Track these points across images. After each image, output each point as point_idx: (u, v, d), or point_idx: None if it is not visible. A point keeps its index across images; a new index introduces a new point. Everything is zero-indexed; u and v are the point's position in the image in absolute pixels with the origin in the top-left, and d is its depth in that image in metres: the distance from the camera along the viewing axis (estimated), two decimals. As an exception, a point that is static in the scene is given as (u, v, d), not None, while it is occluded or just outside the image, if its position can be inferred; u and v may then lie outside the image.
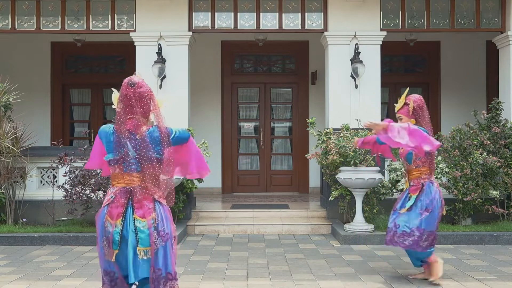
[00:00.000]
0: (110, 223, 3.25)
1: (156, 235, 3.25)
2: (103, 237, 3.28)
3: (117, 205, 3.27)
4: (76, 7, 8.69)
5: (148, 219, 3.25)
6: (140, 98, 3.32)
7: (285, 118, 11.88)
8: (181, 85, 8.61)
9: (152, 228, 3.24)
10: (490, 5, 8.73)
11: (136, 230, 3.24)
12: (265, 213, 8.70)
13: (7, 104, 8.17)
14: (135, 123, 3.30)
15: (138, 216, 3.25)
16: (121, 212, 3.25)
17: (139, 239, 3.23)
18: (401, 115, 5.25)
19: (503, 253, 6.81)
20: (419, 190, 5.17)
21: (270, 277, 5.54)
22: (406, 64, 11.85)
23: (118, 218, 3.24)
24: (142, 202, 3.27)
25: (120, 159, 3.29)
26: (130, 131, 3.29)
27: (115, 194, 3.29)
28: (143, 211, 3.26)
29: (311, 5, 8.71)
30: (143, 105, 3.32)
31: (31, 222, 8.31)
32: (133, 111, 3.30)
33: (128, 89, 3.32)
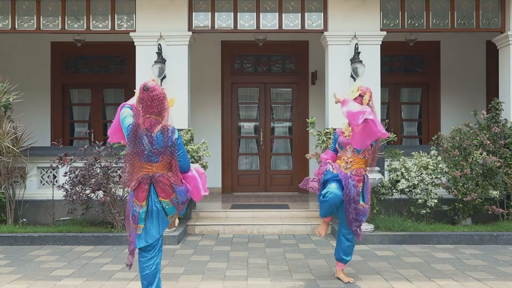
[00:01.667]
0: (137, 204, 4.04)
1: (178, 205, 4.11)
2: (131, 215, 4.07)
3: (142, 190, 4.03)
4: (76, 7, 8.69)
5: (170, 199, 4.07)
6: (154, 100, 3.98)
7: (285, 118, 11.88)
8: (181, 85, 8.61)
9: (175, 203, 4.08)
10: (490, 5, 8.72)
11: (163, 207, 4.07)
12: (265, 213, 8.70)
13: (7, 104, 8.17)
14: (151, 122, 3.99)
15: (161, 198, 4.05)
16: (145, 195, 4.03)
17: (167, 211, 4.09)
18: None
19: (503, 253, 6.81)
20: (362, 181, 5.29)
21: (270, 277, 5.54)
22: (406, 64, 11.85)
23: (144, 201, 4.03)
24: (162, 186, 4.02)
25: (139, 152, 3.97)
26: (147, 129, 3.97)
27: (139, 181, 4.04)
28: (165, 194, 4.04)
29: (311, 5, 8.71)
30: (157, 106, 4.00)
31: (31, 222, 8.31)
32: (149, 111, 3.98)
33: (143, 93, 3.99)
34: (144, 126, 3.95)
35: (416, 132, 11.90)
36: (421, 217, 8.00)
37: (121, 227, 7.69)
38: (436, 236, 7.39)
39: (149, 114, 3.99)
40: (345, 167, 5.27)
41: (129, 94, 10.92)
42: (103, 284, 5.34)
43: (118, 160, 7.80)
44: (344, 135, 5.34)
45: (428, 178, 7.72)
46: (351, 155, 5.31)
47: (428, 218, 7.97)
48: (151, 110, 3.99)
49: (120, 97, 11.81)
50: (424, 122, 11.70)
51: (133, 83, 8.91)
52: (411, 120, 11.92)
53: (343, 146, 5.34)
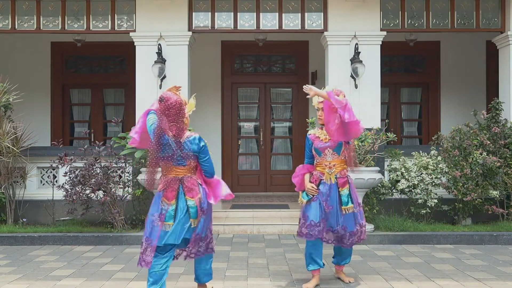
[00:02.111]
0: (166, 203, 4.36)
1: (200, 211, 4.41)
2: (157, 213, 4.36)
3: (171, 190, 4.38)
4: (76, 7, 8.69)
5: (195, 199, 4.39)
6: (170, 109, 4.31)
7: (285, 118, 11.88)
8: (181, 85, 8.54)
9: (199, 205, 4.39)
10: (490, 5, 8.73)
11: (188, 207, 4.37)
12: (265, 213, 8.70)
13: (7, 104, 8.18)
14: (178, 127, 4.37)
15: (188, 197, 4.39)
16: (175, 195, 4.37)
17: (191, 213, 4.38)
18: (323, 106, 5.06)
19: (503, 253, 6.81)
20: (347, 183, 5.13)
21: (270, 277, 5.54)
22: (406, 64, 11.85)
23: (173, 199, 4.36)
24: (190, 186, 4.39)
25: (169, 156, 4.35)
26: (175, 136, 4.35)
27: (168, 182, 4.39)
28: (192, 193, 4.39)
29: (311, 5, 8.71)
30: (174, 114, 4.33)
31: (31, 222, 8.31)
32: (171, 119, 4.33)
33: (160, 104, 4.34)
34: (172, 133, 4.34)
35: (416, 132, 11.90)
36: (421, 217, 8.00)
37: (121, 227, 7.70)
38: (436, 236, 7.39)
39: (172, 122, 4.33)
40: (329, 172, 5.08)
41: (129, 94, 10.98)
42: (103, 284, 5.34)
43: (118, 160, 7.80)
44: (320, 139, 5.12)
45: (428, 178, 7.72)
46: (332, 158, 5.10)
47: (428, 218, 7.98)
48: (170, 118, 4.32)
49: (120, 97, 11.82)
50: (424, 122, 11.70)
51: (133, 83, 8.92)
52: (411, 120, 11.92)
53: (321, 151, 5.13)
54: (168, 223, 4.34)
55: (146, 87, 8.57)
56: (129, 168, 8.14)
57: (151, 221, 4.37)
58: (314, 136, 5.21)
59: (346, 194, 5.11)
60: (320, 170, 5.14)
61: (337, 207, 5.06)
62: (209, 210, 4.54)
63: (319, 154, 5.16)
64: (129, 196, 7.98)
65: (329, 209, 5.05)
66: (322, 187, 5.10)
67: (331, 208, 5.05)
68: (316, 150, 5.17)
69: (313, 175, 5.20)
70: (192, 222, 4.40)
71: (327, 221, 5.06)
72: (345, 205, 5.08)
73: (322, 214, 5.04)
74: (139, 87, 8.62)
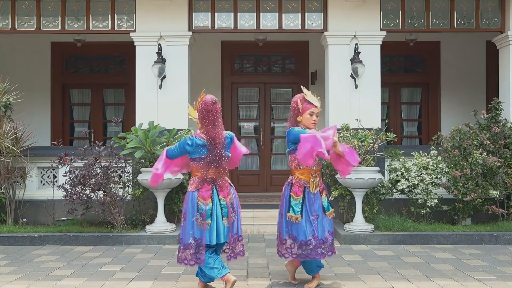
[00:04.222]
0: (203, 203, 4.58)
1: (231, 210, 4.66)
2: (197, 213, 4.58)
3: (206, 189, 4.60)
4: (76, 7, 8.69)
5: (227, 199, 4.65)
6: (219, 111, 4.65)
7: (285, 118, 11.85)
8: (181, 85, 8.61)
9: (230, 205, 4.65)
10: (490, 5, 8.73)
11: (221, 206, 4.61)
12: (265, 213, 8.70)
13: (7, 104, 8.17)
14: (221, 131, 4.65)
15: (221, 196, 4.63)
16: (210, 194, 4.60)
17: (223, 212, 4.61)
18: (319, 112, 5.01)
19: (503, 253, 6.81)
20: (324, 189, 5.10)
21: (270, 277, 5.54)
22: (406, 64, 11.85)
23: (209, 199, 4.58)
24: (222, 186, 4.64)
25: (205, 158, 4.57)
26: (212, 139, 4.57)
27: (203, 182, 4.61)
28: (224, 193, 4.65)
29: (311, 5, 8.71)
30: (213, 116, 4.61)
31: (31, 222, 8.31)
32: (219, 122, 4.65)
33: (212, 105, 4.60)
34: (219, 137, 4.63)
35: (416, 132, 11.90)
36: (421, 217, 8.00)
37: (121, 227, 7.70)
38: (436, 236, 7.39)
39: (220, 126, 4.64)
40: (314, 181, 4.95)
41: (129, 94, 10.98)
42: (103, 284, 5.34)
43: (118, 160, 7.80)
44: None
45: (428, 178, 7.72)
46: (317, 167, 4.99)
47: (428, 218, 7.98)
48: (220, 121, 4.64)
49: (120, 97, 11.82)
50: (424, 122, 11.70)
51: (133, 83, 8.92)
52: (411, 120, 11.92)
53: None
54: (207, 222, 4.57)
55: (146, 87, 8.57)
56: (129, 168, 8.14)
57: (193, 221, 4.59)
58: None
59: (326, 200, 5.05)
60: (304, 178, 4.97)
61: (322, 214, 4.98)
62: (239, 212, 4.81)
63: None
64: (129, 196, 7.98)
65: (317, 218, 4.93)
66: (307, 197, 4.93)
67: (317, 217, 4.94)
68: None
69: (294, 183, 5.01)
70: (224, 221, 4.62)
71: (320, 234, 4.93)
72: (328, 211, 5.02)
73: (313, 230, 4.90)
74: (139, 87, 8.62)
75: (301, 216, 4.89)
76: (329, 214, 5.03)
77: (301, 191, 4.96)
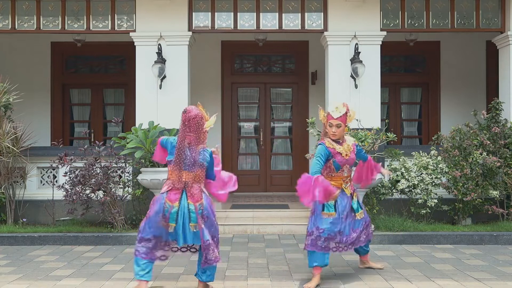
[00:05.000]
0: (169, 205, 4.61)
1: (200, 216, 4.63)
2: (161, 213, 4.61)
3: (175, 193, 4.64)
4: (76, 7, 8.69)
5: (196, 204, 4.63)
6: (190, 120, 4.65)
7: (285, 118, 11.87)
8: (181, 85, 8.61)
9: (199, 211, 4.63)
10: (490, 5, 8.73)
11: (189, 211, 4.61)
12: (265, 213, 8.70)
13: (7, 104, 8.17)
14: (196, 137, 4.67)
15: (190, 201, 4.63)
16: (178, 198, 4.63)
17: (191, 217, 4.62)
18: (341, 123, 5.20)
19: (503, 253, 6.81)
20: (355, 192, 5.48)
21: (270, 277, 5.54)
22: (406, 64, 11.85)
23: (176, 202, 4.62)
24: (193, 193, 4.64)
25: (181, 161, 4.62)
26: (189, 144, 4.65)
27: (174, 185, 4.65)
28: (193, 199, 4.64)
29: (311, 5, 8.71)
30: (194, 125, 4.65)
31: (31, 222, 8.31)
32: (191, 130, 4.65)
33: (182, 115, 4.70)
34: (187, 141, 4.64)
35: (416, 132, 11.90)
36: (421, 217, 8.00)
37: (121, 227, 7.70)
38: (436, 236, 7.39)
39: (189, 133, 4.65)
40: (345, 187, 5.28)
41: (129, 94, 10.98)
42: (103, 284, 5.34)
43: (118, 160, 7.80)
44: (341, 155, 5.17)
45: (428, 178, 7.72)
46: (347, 173, 5.31)
47: (428, 218, 7.98)
48: (190, 129, 4.65)
49: (120, 97, 11.82)
50: (424, 122, 11.70)
51: (133, 83, 8.92)
52: (411, 120, 11.92)
53: (341, 165, 5.22)
54: (171, 224, 4.62)
55: (146, 87, 8.57)
56: (129, 168, 8.14)
57: (155, 220, 4.63)
58: (334, 151, 5.17)
59: (356, 201, 5.39)
60: (335, 184, 5.20)
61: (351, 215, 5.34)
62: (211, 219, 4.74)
63: (337, 169, 5.23)
64: (129, 196, 7.98)
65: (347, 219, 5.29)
66: (340, 200, 5.25)
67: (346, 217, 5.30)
68: (335, 164, 5.20)
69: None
70: (191, 226, 4.63)
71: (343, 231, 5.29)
72: (357, 212, 5.37)
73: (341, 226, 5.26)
74: (139, 87, 8.62)
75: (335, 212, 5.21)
76: (358, 215, 5.39)
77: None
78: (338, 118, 5.17)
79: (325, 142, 5.19)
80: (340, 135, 5.23)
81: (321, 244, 5.18)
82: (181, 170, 4.64)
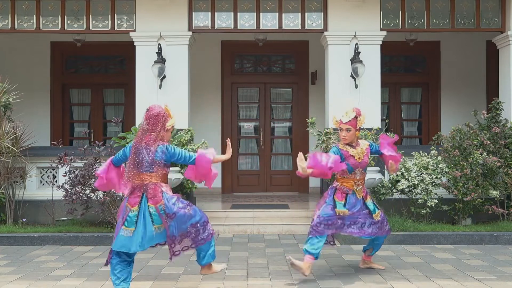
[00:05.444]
0: (130, 209, 4.53)
1: (164, 216, 4.52)
2: (122, 218, 4.55)
3: (135, 196, 4.55)
4: (76, 7, 8.69)
5: (156, 206, 4.51)
6: (151, 119, 4.56)
7: (285, 118, 11.88)
8: (181, 85, 8.61)
9: (161, 211, 4.51)
10: (490, 5, 8.72)
11: (151, 214, 4.51)
12: (265, 213, 8.70)
13: (7, 104, 8.17)
14: (150, 138, 4.55)
15: (150, 204, 4.52)
16: (138, 201, 4.53)
17: (153, 220, 4.52)
18: (351, 127, 5.38)
19: (503, 253, 6.81)
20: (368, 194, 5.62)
21: (270, 277, 5.54)
22: (406, 64, 11.85)
23: (135, 205, 4.52)
24: (153, 193, 4.52)
25: (138, 163, 4.51)
26: (146, 143, 4.54)
27: (134, 188, 4.56)
28: (153, 201, 4.52)
29: (311, 5, 8.71)
30: (153, 124, 4.56)
31: (31, 222, 8.30)
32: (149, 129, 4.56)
33: (145, 112, 4.62)
34: (144, 141, 4.54)
35: (416, 132, 11.90)
36: (421, 217, 7.99)
37: (121, 227, 7.68)
38: (436, 236, 7.38)
39: (149, 132, 4.55)
40: (357, 189, 5.41)
41: (129, 94, 10.97)
42: (103, 284, 5.34)
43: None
44: (354, 158, 5.35)
45: (428, 178, 7.72)
46: (360, 176, 5.45)
47: (428, 218, 7.97)
48: (150, 127, 4.56)
49: (120, 97, 11.82)
50: (424, 122, 11.70)
51: (133, 83, 8.92)
52: (411, 120, 11.92)
53: (353, 168, 5.38)
54: (129, 229, 4.50)
55: (146, 87, 8.56)
56: (129, 168, 8.12)
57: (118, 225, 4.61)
58: (347, 153, 5.36)
59: (371, 203, 5.50)
60: (347, 186, 5.40)
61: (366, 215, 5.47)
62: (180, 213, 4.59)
63: (350, 171, 5.39)
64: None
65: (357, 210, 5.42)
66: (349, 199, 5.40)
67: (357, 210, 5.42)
68: (348, 167, 5.35)
69: (338, 189, 5.44)
70: (155, 228, 4.53)
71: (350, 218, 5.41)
72: (374, 213, 5.46)
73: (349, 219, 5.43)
74: (139, 87, 8.61)
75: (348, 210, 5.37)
76: (376, 216, 5.47)
77: (343, 196, 5.40)
78: (347, 122, 5.38)
79: (339, 145, 5.44)
80: (351, 139, 5.41)
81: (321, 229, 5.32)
82: (139, 172, 4.53)
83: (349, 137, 5.39)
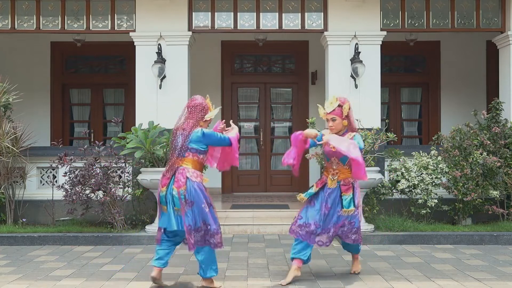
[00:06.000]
0: (160, 189, 4.97)
1: (184, 201, 4.80)
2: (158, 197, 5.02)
3: (166, 178, 4.95)
4: (76, 7, 8.68)
5: (178, 190, 4.82)
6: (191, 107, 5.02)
7: (285, 118, 11.88)
8: (181, 85, 8.61)
9: (181, 195, 4.80)
10: (490, 5, 8.72)
11: (172, 196, 4.85)
12: (265, 213, 8.69)
13: (7, 104, 8.17)
14: (189, 124, 4.94)
15: (174, 186, 4.86)
16: (167, 183, 4.91)
17: (174, 202, 4.85)
18: (335, 116, 5.26)
19: (503, 253, 6.81)
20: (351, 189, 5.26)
21: (270, 277, 5.54)
22: (406, 64, 11.85)
23: (164, 186, 4.93)
24: (178, 177, 4.86)
25: (175, 147, 4.94)
26: (183, 129, 4.94)
27: (166, 170, 4.97)
28: (176, 184, 4.85)
29: (311, 5, 8.71)
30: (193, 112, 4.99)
31: (31, 222, 8.31)
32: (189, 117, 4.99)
33: (188, 101, 5.13)
34: (182, 127, 4.96)
35: (416, 132, 11.90)
36: (421, 217, 8.00)
37: (121, 227, 7.69)
38: (436, 236, 7.39)
39: (188, 119, 4.97)
40: (332, 179, 5.25)
41: (129, 94, 10.98)
42: (103, 284, 5.34)
43: (118, 160, 7.80)
44: (330, 146, 5.20)
45: (428, 178, 7.72)
46: (337, 166, 5.27)
47: (428, 218, 7.97)
48: (189, 115, 4.98)
49: (120, 97, 11.82)
50: (424, 122, 11.70)
51: (133, 83, 8.91)
52: (411, 120, 11.92)
53: (328, 157, 5.32)
54: (162, 206, 4.97)
55: (146, 87, 8.56)
56: (129, 168, 8.13)
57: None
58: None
59: (348, 198, 5.24)
60: (325, 174, 5.36)
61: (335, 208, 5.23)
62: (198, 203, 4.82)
63: (327, 159, 5.37)
64: (129, 196, 7.98)
65: (328, 210, 5.21)
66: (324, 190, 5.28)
67: (329, 209, 5.22)
68: (324, 155, 5.39)
69: (321, 178, 5.43)
70: (176, 210, 4.86)
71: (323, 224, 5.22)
72: (346, 208, 5.22)
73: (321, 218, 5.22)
74: (139, 87, 8.61)
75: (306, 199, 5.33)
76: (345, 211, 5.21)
77: (320, 183, 5.33)
78: (332, 112, 5.28)
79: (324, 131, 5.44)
80: (338, 128, 5.28)
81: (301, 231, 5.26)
82: (173, 156, 4.95)
83: (335, 126, 5.26)
